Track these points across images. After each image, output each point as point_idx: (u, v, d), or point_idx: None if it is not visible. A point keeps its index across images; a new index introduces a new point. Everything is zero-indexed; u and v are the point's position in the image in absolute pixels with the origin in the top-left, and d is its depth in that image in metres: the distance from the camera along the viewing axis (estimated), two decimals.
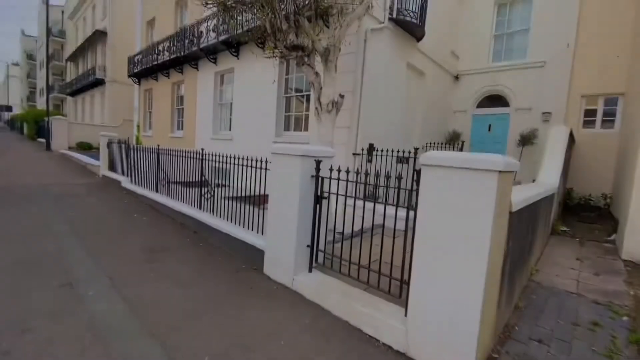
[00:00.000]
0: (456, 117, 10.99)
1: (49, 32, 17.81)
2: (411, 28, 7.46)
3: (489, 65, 10.40)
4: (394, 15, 6.97)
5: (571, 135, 7.53)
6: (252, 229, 4.02)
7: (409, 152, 5.86)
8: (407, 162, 6.01)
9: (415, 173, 2.32)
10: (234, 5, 5.20)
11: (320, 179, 3.16)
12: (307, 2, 4.89)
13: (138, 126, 15.01)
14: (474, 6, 10.61)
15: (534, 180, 6.36)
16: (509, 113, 9.98)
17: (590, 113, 8.87)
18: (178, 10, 12.73)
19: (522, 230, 2.92)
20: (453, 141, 10.27)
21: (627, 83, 7.86)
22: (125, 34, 19.17)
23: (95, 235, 4.55)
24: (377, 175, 2.79)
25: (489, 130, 10.51)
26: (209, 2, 5.27)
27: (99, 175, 9.37)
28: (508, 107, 10.03)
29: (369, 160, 6.69)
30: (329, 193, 3.18)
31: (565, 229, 6.26)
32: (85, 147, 16.71)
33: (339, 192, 3.07)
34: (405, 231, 2.45)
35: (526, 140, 9.09)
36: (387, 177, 2.68)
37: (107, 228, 4.91)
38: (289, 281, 3.25)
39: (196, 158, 5.18)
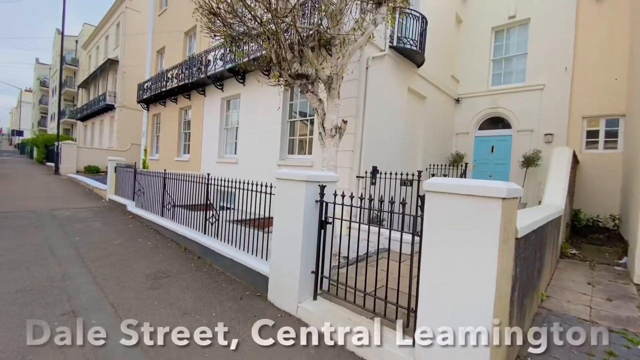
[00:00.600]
0: (458, 139, 11.11)
1: (62, 60, 18.60)
2: (411, 55, 7.71)
3: (488, 89, 10.61)
4: (395, 43, 7.23)
5: (574, 156, 7.54)
6: (257, 254, 4.00)
7: (413, 175, 5.89)
8: (411, 185, 6.02)
9: (419, 199, 2.34)
10: (240, 37, 5.43)
11: (324, 203, 3.18)
12: (311, 33, 5.10)
13: (145, 150, 15.30)
14: (472, 32, 10.99)
15: (539, 202, 6.33)
16: (511, 135, 10.07)
17: (592, 134, 8.92)
18: (187, 40, 13.31)
19: (529, 255, 2.88)
20: (456, 163, 10.31)
21: (627, 104, 7.94)
22: (135, 61, 19.95)
23: (100, 260, 4.55)
24: (382, 200, 2.81)
25: (492, 151, 10.56)
26: (217, 34, 5.51)
27: (106, 199, 9.47)
28: (510, 129, 10.13)
29: (373, 183, 6.72)
30: (334, 218, 3.19)
31: (574, 251, 6.14)
32: (93, 171, 17.00)
33: (344, 217, 3.08)
34: (411, 259, 2.44)
35: (529, 161, 9.10)
36: (392, 202, 2.70)
37: (111, 253, 4.91)
38: (293, 309, 3.20)
39: (202, 182, 5.25)
